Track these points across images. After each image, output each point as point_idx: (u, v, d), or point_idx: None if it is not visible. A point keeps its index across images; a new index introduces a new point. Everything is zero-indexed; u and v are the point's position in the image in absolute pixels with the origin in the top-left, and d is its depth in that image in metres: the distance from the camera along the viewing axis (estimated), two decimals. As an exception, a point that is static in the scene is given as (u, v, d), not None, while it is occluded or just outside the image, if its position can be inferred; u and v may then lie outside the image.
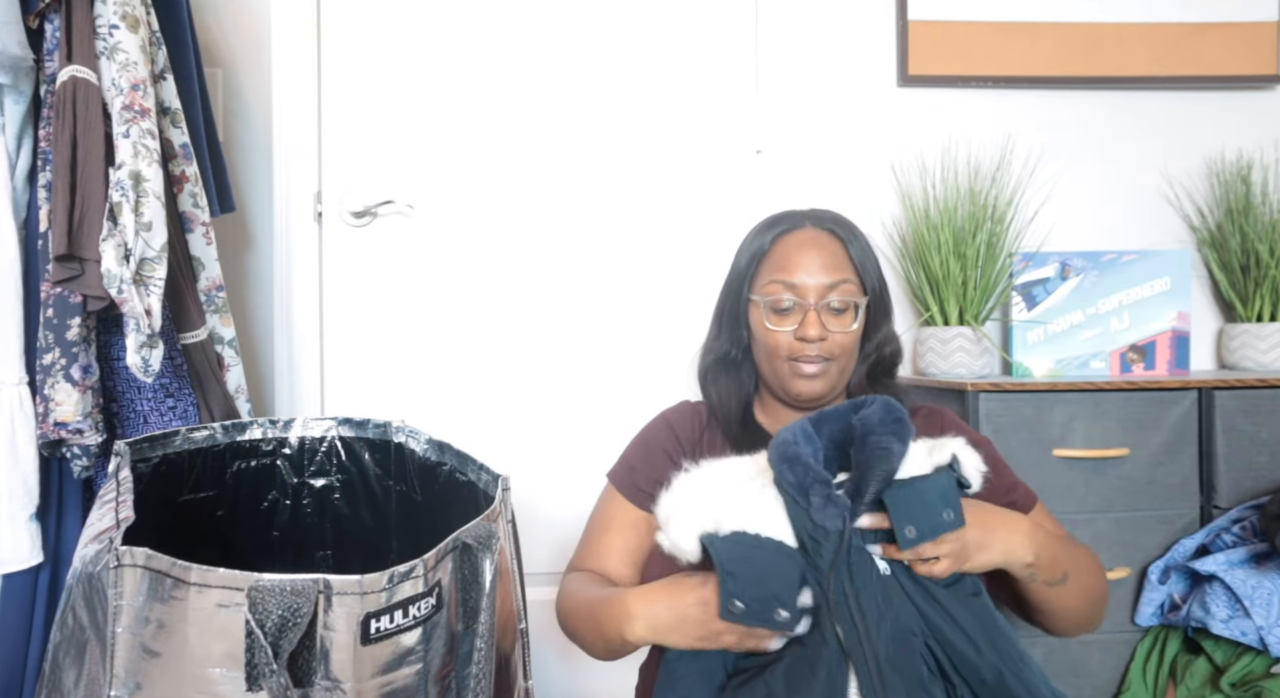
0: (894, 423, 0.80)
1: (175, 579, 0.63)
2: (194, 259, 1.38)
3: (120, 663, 0.64)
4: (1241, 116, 1.78)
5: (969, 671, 0.77)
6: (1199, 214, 1.76)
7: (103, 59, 1.18)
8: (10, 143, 1.18)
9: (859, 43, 1.76)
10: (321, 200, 1.71)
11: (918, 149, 1.75)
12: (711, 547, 0.78)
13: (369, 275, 1.72)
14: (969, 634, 0.78)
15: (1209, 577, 1.28)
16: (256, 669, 0.62)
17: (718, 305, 1.09)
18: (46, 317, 1.15)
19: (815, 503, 0.78)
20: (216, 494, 1.06)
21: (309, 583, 0.64)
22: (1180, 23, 1.73)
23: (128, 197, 1.14)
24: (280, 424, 1.11)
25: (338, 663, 0.65)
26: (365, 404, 1.69)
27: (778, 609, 0.77)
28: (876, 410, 0.82)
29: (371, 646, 0.66)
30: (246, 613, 0.62)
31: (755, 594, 0.77)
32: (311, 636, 0.64)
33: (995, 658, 0.77)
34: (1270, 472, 1.39)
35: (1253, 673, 1.21)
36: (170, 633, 0.63)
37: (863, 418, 0.82)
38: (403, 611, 0.68)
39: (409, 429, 1.10)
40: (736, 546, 0.78)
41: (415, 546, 0.74)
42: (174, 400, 1.31)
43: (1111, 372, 1.59)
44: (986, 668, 0.77)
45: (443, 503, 1.03)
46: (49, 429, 1.14)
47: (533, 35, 1.73)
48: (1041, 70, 1.73)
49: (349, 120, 1.71)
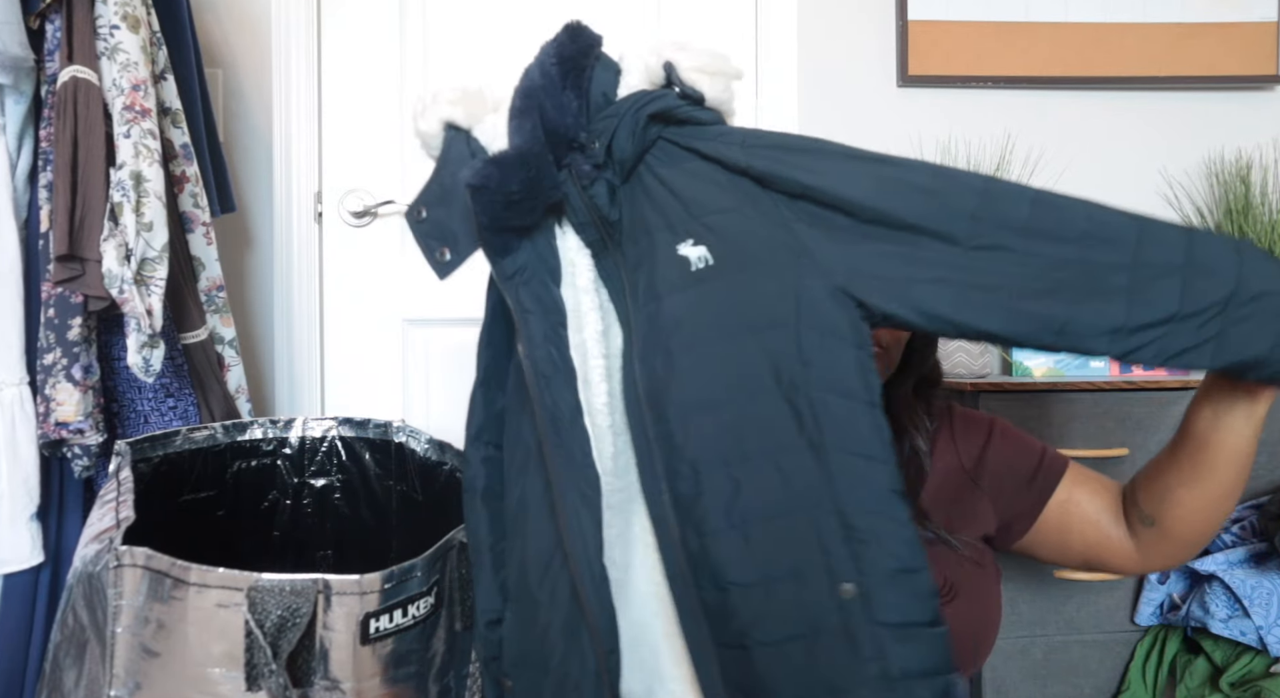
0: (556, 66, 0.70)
1: (175, 579, 0.64)
2: (194, 259, 1.39)
3: (120, 663, 0.64)
4: (1241, 117, 1.78)
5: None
6: (1198, 214, 1.76)
7: (104, 59, 1.18)
8: (11, 143, 1.18)
9: (859, 43, 1.76)
10: (321, 200, 1.71)
11: (917, 149, 1.75)
12: (450, 143, 0.73)
13: (369, 275, 1.72)
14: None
15: (1208, 577, 1.28)
16: (256, 669, 0.62)
17: None
18: (47, 317, 1.15)
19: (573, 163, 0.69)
20: (217, 494, 1.06)
21: (308, 583, 0.64)
22: (1180, 23, 1.73)
23: (129, 197, 1.14)
24: (280, 424, 1.11)
25: (337, 663, 0.65)
26: (365, 404, 1.69)
27: (442, 247, 0.73)
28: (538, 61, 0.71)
29: (371, 645, 0.67)
30: (246, 613, 0.62)
31: (437, 216, 0.73)
32: (311, 635, 0.65)
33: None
34: (1270, 472, 1.39)
35: (1252, 673, 1.21)
36: (170, 633, 0.64)
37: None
38: (402, 610, 0.68)
39: (409, 429, 1.10)
40: (480, 159, 0.70)
41: (416, 545, 0.74)
42: (174, 400, 1.31)
43: (1111, 372, 1.59)
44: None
45: (443, 503, 1.03)
46: (50, 429, 1.14)
47: (533, 36, 1.73)
48: (1041, 70, 1.73)
49: (349, 120, 1.71)
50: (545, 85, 0.70)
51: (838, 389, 0.64)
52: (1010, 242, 0.63)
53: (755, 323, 0.66)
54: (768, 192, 0.67)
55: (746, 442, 0.64)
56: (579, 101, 0.70)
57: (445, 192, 0.74)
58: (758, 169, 0.67)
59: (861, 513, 0.62)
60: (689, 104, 0.69)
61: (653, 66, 0.69)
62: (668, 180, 0.69)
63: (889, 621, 0.62)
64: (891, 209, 0.64)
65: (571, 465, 0.66)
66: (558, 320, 0.70)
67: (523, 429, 0.72)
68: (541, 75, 0.70)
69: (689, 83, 0.68)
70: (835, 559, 0.62)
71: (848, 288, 0.65)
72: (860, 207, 0.65)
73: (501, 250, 0.70)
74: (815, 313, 0.64)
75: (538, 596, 0.69)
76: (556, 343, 0.69)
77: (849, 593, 0.62)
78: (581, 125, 0.70)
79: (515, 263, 0.70)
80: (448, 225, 0.73)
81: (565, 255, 0.72)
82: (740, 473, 0.64)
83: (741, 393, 0.65)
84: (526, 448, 0.72)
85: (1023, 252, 0.63)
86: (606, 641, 0.65)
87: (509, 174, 0.67)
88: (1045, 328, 0.63)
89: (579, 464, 0.66)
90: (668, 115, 0.69)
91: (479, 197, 0.67)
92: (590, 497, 0.66)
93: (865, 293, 0.64)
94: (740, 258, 0.67)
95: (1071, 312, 0.63)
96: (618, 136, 0.68)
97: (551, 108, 0.69)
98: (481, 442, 0.78)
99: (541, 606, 0.69)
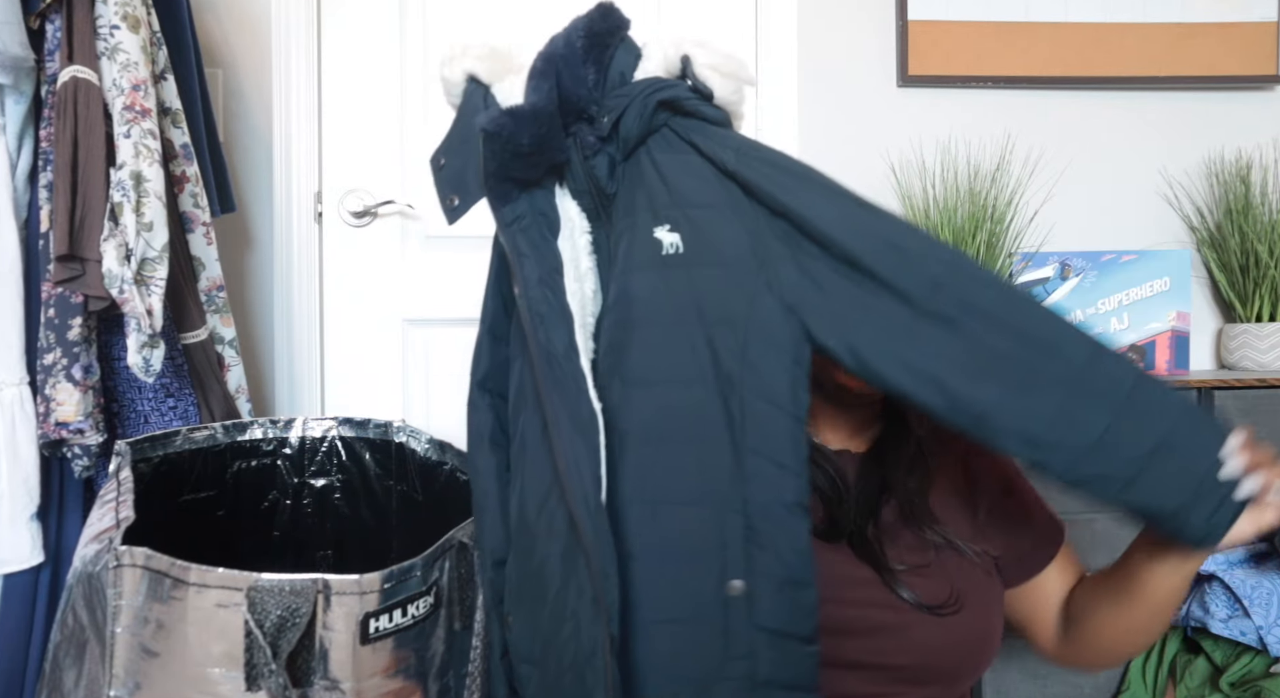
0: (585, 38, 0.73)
1: (175, 579, 0.64)
2: (194, 259, 1.39)
3: (120, 663, 0.64)
4: (1241, 117, 1.78)
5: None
6: (1198, 214, 1.76)
7: (104, 59, 1.18)
8: (11, 143, 1.18)
9: (859, 43, 1.76)
10: (321, 200, 1.71)
11: (917, 149, 1.75)
12: (469, 95, 0.76)
13: (369, 275, 1.72)
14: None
15: (1208, 576, 1.28)
16: (256, 669, 0.62)
17: None
18: (48, 317, 1.15)
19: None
20: (217, 494, 1.06)
21: (308, 583, 0.64)
22: (1180, 23, 1.73)
23: (129, 197, 1.14)
24: (280, 424, 1.11)
25: (337, 662, 0.65)
26: (365, 404, 1.70)
27: (452, 195, 0.75)
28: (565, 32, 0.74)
29: (370, 645, 0.67)
30: (246, 613, 0.62)
31: (454, 164, 0.75)
32: (310, 635, 0.65)
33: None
34: (1270, 472, 1.39)
35: (1252, 673, 1.21)
36: (170, 633, 0.64)
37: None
38: (401, 610, 0.68)
39: (409, 429, 1.10)
40: (496, 109, 0.73)
41: (416, 545, 0.74)
42: (174, 400, 1.31)
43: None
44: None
45: (443, 503, 1.03)
46: (50, 429, 1.14)
47: (533, 36, 1.73)
48: (1041, 70, 1.73)
49: (349, 120, 1.71)
50: (567, 54, 0.73)
51: (769, 397, 0.67)
52: (963, 319, 0.65)
53: (707, 316, 0.69)
54: (751, 200, 0.70)
55: (673, 424, 0.68)
56: (596, 76, 0.73)
57: (461, 140, 0.77)
58: (745, 177, 0.69)
59: (765, 518, 0.65)
60: (698, 98, 0.72)
61: (670, 57, 0.73)
62: (662, 166, 0.72)
63: (768, 626, 0.65)
64: (859, 255, 0.66)
65: (566, 398, 0.67)
66: (554, 266, 0.73)
67: (524, 373, 0.75)
68: (565, 45, 0.73)
69: (701, 78, 0.72)
70: (731, 556, 0.65)
71: (798, 309, 0.68)
72: (831, 242, 0.67)
73: (503, 198, 0.73)
74: (765, 323, 0.67)
75: (535, 529, 0.70)
76: (552, 286, 0.72)
77: (736, 590, 0.65)
78: (594, 99, 0.73)
79: (515, 211, 0.73)
80: (461, 173, 0.76)
81: (565, 213, 0.75)
82: (660, 453, 0.67)
83: (679, 377, 0.68)
84: (525, 390, 0.75)
85: (971, 333, 0.65)
86: (602, 567, 0.65)
87: (521, 126, 0.70)
88: (965, 411, 0.65)
89: (573, 398, 0.68)
90: (676, 105, 0.72)
91: (490, 143, 0.70)
92: (587, 428, 0.67)
93: (811, 320, 0.67)
94: (709, 253, 0.70)
95: (996, 405, 0.64)
96: (627, 115, 0.72)
97: (569, 77, 0.72)
98: (486, 389, 0.81)
99: (540, 538, 0.70)
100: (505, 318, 0.81)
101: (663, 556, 0.66)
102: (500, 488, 0.77)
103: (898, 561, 0.82)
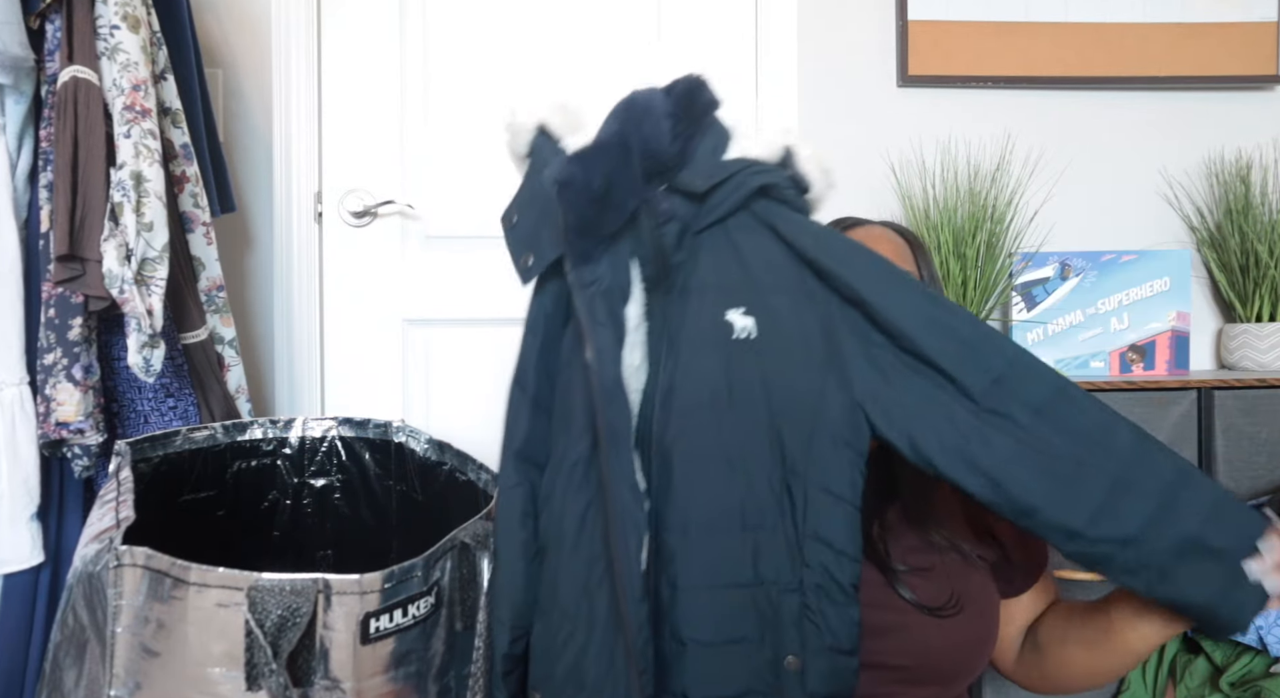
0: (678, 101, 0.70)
1: (175, 579, 0.64)
2: (194, 259, 1.39)
3: (120, 663, 0.64)
4: (1241, 117, 1.78)
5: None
6: (1198, 214, 1.76)
7: (104, 59, 1.18)
8: (11, 143, 1.18)
9: (859, 43, 1.76)
10: (321, 200, 1.71)
11: (917, 149, 1.75)
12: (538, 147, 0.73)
13: (369, 275, 1.72)
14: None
15: (1208, 577, 1.28)
16: (256, 669, 0.62)
17: None
18: (48, 317, 1.15)
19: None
20: (217, 494, 1.06)
21: (308, 583, 0.64)
22: (1180, 23, 1.73)
23: (129, 197, 1.14)
24: (280, 424, 1.11)
25: (337, 663, 0.65)
26: (365, 404, 1.70)
27: (527, 254, 0.73)
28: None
29: (371, 645, 0.67)
30: (246, 613, 0.62)
31: (527, 222, 0.73)
32: (311, 635, 0.65)
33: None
34: (1270, 472, 1.39)
35: (1252, 673, 1.21)
36: (170, 633, 0.64)
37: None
38: (402, 610, 0.68)
39: (409, 429, 1.10)
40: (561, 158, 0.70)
41: (416, 545, 0.74)
42: (174, 400, 1.31)
43: (1111, 372, 1.59)
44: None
45: (443, 503, 1.03)
46: (50, 429, 1.14)
47: (533, 35, 1.73)
48: (1041, 70, 1.73)
49: (349, 120, 1.71)
50: (648, 104, 0.70)
51: (830, 489, 0.68)
52: (1019, 416, 0.66)
53: (774, 405, 0.69)
54: (825, 288, 0.70)
55: (733, 509, 0.69)
56: (676, 137, 0.70)
57: (530, 196, 0.75)
58: (823, 264, 0.69)
59: (821, 597, 0.68)
60: (794, 188, 0.72)
61: (774, 144, 0.73)
62: (740, 246, 0.71)
63: (819, 692, 0.68)
64: (929, 348, 0.67)
65: (623, 485, 0.67)
66: (621, 338, 0.71)
67: (569, 448, 0.73)
68: (646, 96, 0.71)
69: (803, 171, 0.73)
70: (787, 635, 0.68)
71: (864, 404, 0.69)
72: (903, 335, 0.68)
73: (584, 257, 0.70)
74: (833, 420, 0.69)
75: (574, 612, 0.70)
76: (618, 361, 0.70)
77: (793, 666, 0.67)
78: (675, 160, 0.70)
79: (594, 272, 0.70)
80: (535, 231, 0.74)
81: (632, 279, 0.73)
82: (721, 536, 0.69)
83: (743, 464, 0.69)
84: (568, 465, 0.73)
85: (1026, 429, 0.66)
86: (639, 661, 0.67)
87: (591, 167, 0.68)
88: (1014, 505, 0.66)
89: (630, 484, 0.68)
90: (772, 191, 0.71)
91: (565, 194, 0.68)
92: (636, 517, 0.67)
93: (874, 412, 0.68)
94: (782, 341, 0.70)
95: (1044, 502, 0.65)
96: (723, 188, 0.70)
97: (649, 125, 0.69)
98: (524, 459, 0.77)
99: (580, 623, 0.70)
100: (550, 388, 0.77)
101: (721, 636, 0.68)
102: (527, 564, 0.75)
103: (901, 561, 0.83)
